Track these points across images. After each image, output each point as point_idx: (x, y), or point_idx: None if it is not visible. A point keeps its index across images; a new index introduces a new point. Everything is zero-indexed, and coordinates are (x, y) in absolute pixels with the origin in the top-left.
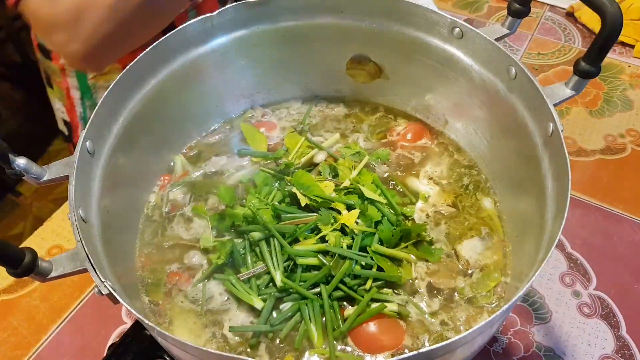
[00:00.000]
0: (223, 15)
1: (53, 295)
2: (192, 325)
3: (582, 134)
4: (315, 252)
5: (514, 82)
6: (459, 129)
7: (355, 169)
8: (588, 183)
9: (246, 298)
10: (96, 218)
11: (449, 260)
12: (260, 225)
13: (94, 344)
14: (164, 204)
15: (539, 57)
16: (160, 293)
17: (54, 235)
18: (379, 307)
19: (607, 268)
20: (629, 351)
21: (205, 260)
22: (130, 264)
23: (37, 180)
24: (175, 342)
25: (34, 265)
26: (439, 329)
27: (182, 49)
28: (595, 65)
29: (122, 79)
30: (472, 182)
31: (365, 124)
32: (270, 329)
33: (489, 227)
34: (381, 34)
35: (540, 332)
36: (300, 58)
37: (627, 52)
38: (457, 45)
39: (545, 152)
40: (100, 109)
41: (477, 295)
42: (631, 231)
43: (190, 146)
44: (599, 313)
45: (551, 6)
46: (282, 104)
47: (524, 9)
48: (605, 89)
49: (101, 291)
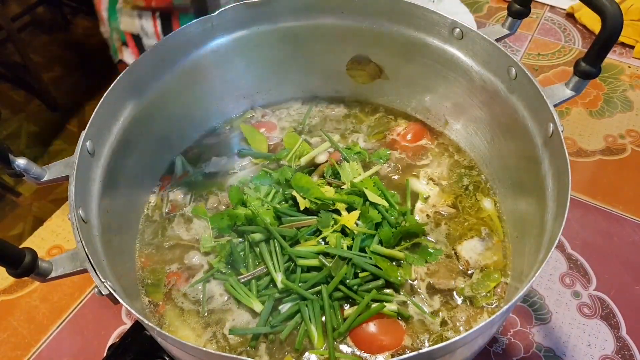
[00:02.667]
0: (223, 15)
1: (53, 295)
2: (193, 326)
3: (582, 135)
4: (315, 254)
5: (514, 82)
6: (459, 130)
7: (362, 175)
8: (588, 184)
9: (245, 301)
10: (96, 218)
11: (448, 261)
12: (261, 226)
13: (94, 344)
14: (164, 204)
15: (539, 58)
16: (160, 293)
17: (54, 235)
18: (378, 307)
19: (607, 269)
20: (629, 352)
21: (206, 260)
22: (130, 264)
23: (37, 180)
24: (175, 343)
25: (34, 265)
26: (439, 329)
27: (182, 49)
28: (595, 66)
29: (122, 79)
30: (472, 182)
31: (365, 124)
32: (270, 331)
33: (489, 228)
34: (381, 35)
35: (541, 333)
36: (300, 58)
37: (627, 53)
38: (457, 46)
39: (546, 152)
40: (101, 109)
41: (477, 296)
42: (631, 232)
43: (190, 146)
44: (599, 314)
45: (551, 7)
46: (282, 105)
47: (524, 10)
48: (605, 90)
49: (101, 291)
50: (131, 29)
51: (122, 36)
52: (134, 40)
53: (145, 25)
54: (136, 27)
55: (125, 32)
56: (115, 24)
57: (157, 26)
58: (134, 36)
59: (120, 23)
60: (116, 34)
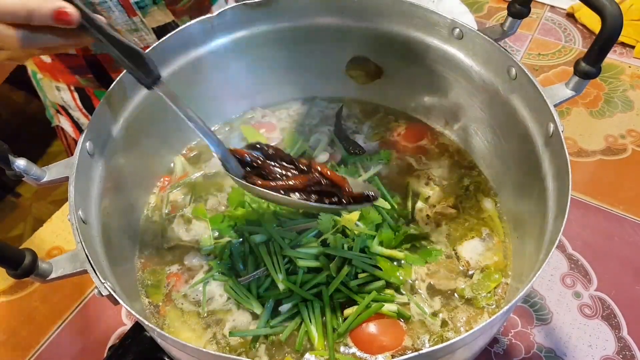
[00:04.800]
0: (223, 16)
1: (53, 296)
2: (193, 326)
3: (583, 135)
4: (315, 255)
5: (514, 82)
6: (459, 130)
7: (362, 176)
8: (589, 184)
9: (245, 303)
10: (96, 219)
11: (449, 261)
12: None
13: (93, 345)
14: (164, 205)
15: (539, 58)
16: (160, 294)
17: (53, 236)
18: (376, 307)
19: (608, 269)
20: (630, 352)
21: (205, 261)
22: (130, 265)
23: (37, 181)
24: (175, 344)
25: (34, 266)
26: (440, 329)
27: (182, 50)
28: (595, 66)
29: (122, 80)
30: (473, 182)
31: (366, 124)
32: (270, 332)
33: (489, 228)
34: (381, 35)
35: (541, 333)
36: (300, 59)
37: (627, 53)
38: (457, 46)
39: (546, 152)
40: (100, 110)
41: (477, 296)
42: (632, 232)
43: (190, 147)
44: (599, 314)
45: (551, 7)
46: (281, 105)
47: (524, 10)
48: (605, 90)
49: (101, 292)
50: (56, 100)
51: (53, 105)
52: (63, 110)
53: (65, 98)
54: (59, 99)
55: (54, 102)
56: (43, 93)
57: (76, 99)
58: (62, 107)
59: (46, 93)
60: (48, 101)
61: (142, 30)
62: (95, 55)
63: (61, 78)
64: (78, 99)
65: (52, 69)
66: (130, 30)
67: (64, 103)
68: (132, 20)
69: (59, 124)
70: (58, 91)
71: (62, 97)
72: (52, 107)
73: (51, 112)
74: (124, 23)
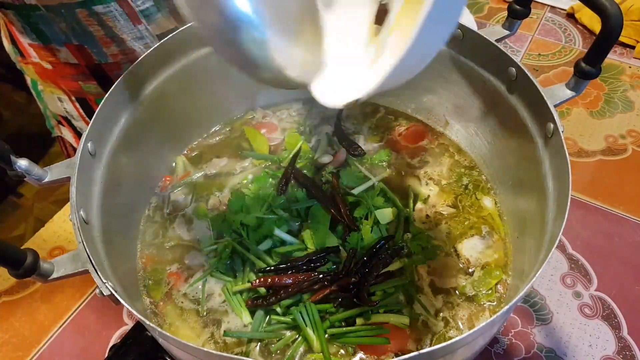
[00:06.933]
0: None
1: (54, 296)
2: (192, 325)
3: (583, 135)
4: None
5: (515, 83)
6: (459, 130)
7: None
8: (589, 184)
9: (236, 310)
10: (97, 219)
11: (449, 259)
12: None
13: (95, 345)
14: (165, 205)
15: (539, 58)
16: (161, 294)
17: (55, 236)
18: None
19: (608, 269)
20: (630, 352)
21: (206, 260)
22: (131, 264)
23: (39, 181)
24: (176, 343)
25: (35, 266)
26: (441, 328)
27: (183, 50)
28: (595, 66)
29: (123, 80)
30: (472, 182)
31: (366, 125)
32: (264, 336)
33: (489, 226)
34: None
35: (542, 333)
36: None
37: (627, 53)
38: (457, 47)
39: (546, 153)
40: (102, 110)
41: (478, 293)
42: (632, 232)
43: (191, 147)
44: (600, 314)
45: (551, 7)
46: (282, 105)
47: (525, 10)
48: (605, 90)
49: (103, 292)
50: (58, 111)
51: (55, 116)
52: (65, 121)
53: (67, 109)
54: (61, 110)
55: (55, 114)
56: (44, 104)
57: (79, 109)
58: (64, 117)
59: (47, 104)
60: (49, 112)
61: (147, 37)
62: (99, 65)
63: (63, 84)
64: (81, 109)
65: (53, 75)
66: (135, 38)
67: (66, 114)
68: (137, 28)
69: (60, 134)
70: (60, 102)
71: (65, 108)
72: (54, 118)
73: (52, 122)
74: (129, 31)
